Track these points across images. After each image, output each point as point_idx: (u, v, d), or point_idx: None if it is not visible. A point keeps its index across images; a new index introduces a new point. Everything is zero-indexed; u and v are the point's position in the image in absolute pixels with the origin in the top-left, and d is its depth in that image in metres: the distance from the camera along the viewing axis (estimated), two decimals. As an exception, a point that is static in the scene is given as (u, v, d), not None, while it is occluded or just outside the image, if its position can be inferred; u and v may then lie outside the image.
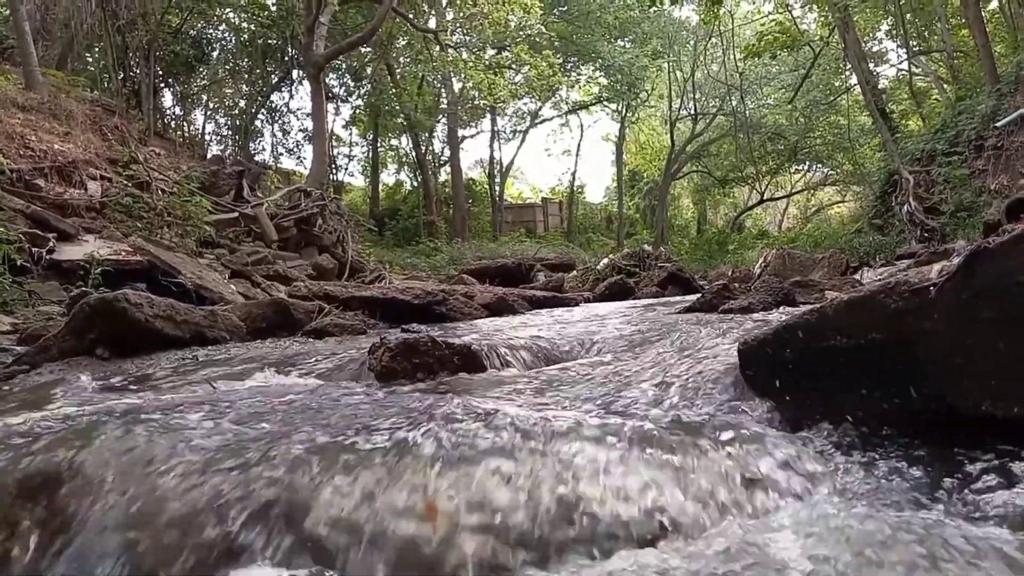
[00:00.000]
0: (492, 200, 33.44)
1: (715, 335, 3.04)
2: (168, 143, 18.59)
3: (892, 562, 1.16)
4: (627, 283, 10.49)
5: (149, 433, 1.73)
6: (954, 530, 1.26)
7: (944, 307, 1.59)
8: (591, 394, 2.29)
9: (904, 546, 1.22)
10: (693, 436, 1.60)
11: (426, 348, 2.76)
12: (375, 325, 5.45)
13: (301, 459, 1.49)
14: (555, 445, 1.52)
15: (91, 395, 2.86)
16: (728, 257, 22.16)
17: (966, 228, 13.68)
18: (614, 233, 33.95)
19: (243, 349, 4.12)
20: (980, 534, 1.24)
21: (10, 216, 8.41)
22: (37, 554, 1.41)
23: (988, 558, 1.15)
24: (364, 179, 34.18)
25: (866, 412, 1.74)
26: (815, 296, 5.34)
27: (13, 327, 5.68)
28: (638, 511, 1.35)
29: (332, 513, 1.33)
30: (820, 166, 33.57)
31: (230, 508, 1.37)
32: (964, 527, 1.28)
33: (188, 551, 1.31)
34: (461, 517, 1.33)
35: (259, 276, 10.06)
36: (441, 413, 1.81)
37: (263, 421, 1.93)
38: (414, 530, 1.30)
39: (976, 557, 1.16)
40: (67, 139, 12.37)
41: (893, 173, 17.48)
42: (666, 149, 33.65)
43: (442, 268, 18.87)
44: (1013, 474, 1.44)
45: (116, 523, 1.38)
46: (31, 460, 1.60)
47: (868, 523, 1.31)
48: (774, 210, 39.60)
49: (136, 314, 3.94)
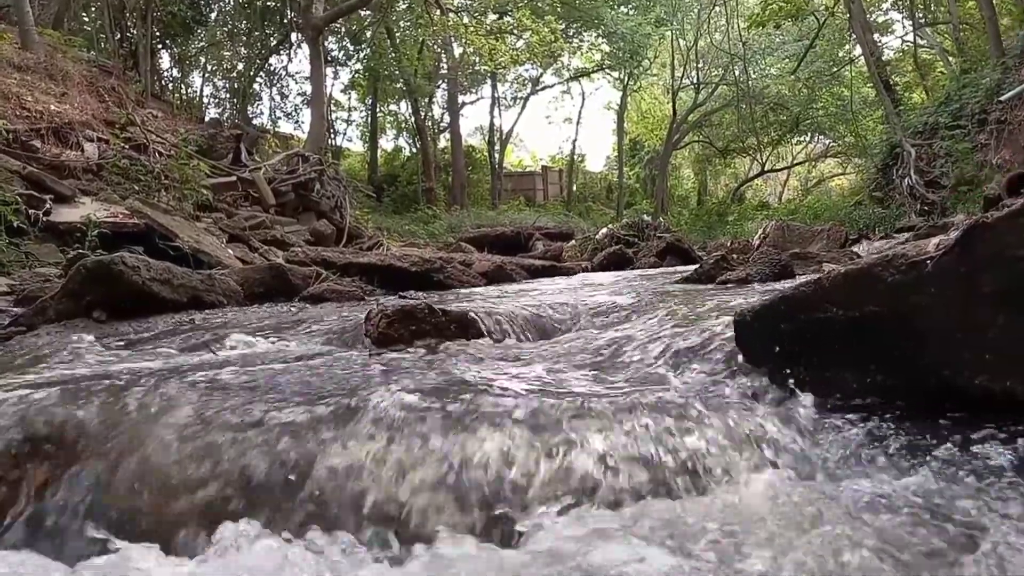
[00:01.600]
0: (491, 168, 33.23)
1: (711, 306, 3.04)
2: (165, 105, 18.43)
3: (876, 529, 1.18)
4: (625, 253, 10.48)
5: (145, 395, 1.74)
6: (943, 503, 1.28)
7: (941, 281, 1.59)
8: (585, 363, 2.30)
9: (889, 514, 1.23)
10: (685, 406, 1.60)
11: (423, 315, 2.76)
12: (372, 292, 5.45)
13: (296, 423, 1.50)
14: (549, 411, 1.52)
15: (88, 357, 2.86)
16: (728, 228, 22.10)
17: (967, 202, 13.63)
18: (614, 203, 33.81)
19: (241, 313, 4.12)
20: (965, 505, 1.26)
21: (6, 177, 8.35)
22: (39, 506, 1.43)
23: (973, 527, 1.17)
24: (362, 145, 33.94)
25: (861, 385, 1.75)
26: (813, 268, 5.33)
27: (10, 288, 5.68)
28: (626, 475, 1.36)
29: (325, 476, 1.34)
30: (822, 138, 33.35)
31: (223, 469, 1.38)
32: (954, 498, 1.29)
33: (181, 508, 1.32)
34: (457, 476, 1.34)
35: (257, 241, 10.04)
36: (437, 379, 1.82)
37: (260, 386, 1.94)
38: (410, 494, 1.32)
39: (961, 526, 1.18)
40: (63, 100, 12.25)
41: (895, 146, 17.38)
42: (668, 118, 33.38)
43: (440, 236, 18.82)
44: (1009, 447, 1.45)
45: (113, 480, 1.39)
46: (31, 420, 1.61)
47: (857, 493, 1.33)
48: (774, 181, 39.43)
49: (133, 277, 3.94)
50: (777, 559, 1.11)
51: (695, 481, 1.39)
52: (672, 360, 2.19)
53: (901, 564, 1.08)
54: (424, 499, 1.31)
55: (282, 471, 1.37)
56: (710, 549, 1.16)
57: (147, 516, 1.33)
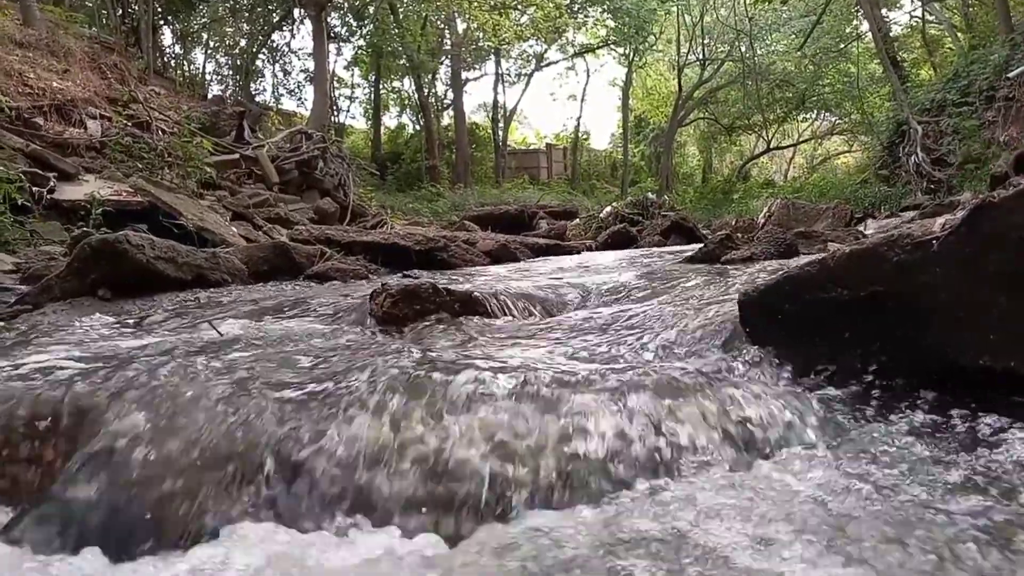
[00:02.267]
0: (495, 145, 33.04)
1: (715, 285, 3.04)
2: (168, 82, 18.31)
3: (877, 509, 1.19)
4: (630, 232, 10.44)
5: (151, 374, 1.75)
6: (943, 482, 1.29)
7: (946, 260, 1.59)
8: (589, 342, 2.30)
9: (889, 493, 1.24)
10: (688, 386, 1.61)
11: (427, 294, 2.76)
12: (376, 270, 5.45)
13: (302, 402, 1.51)
14: (553, 390, 1.53)
15: (94, 336, 2.88)
16: (733, 206, 21.99)
17: (973, 180, 13.54)
18: (618, 181, 33.65)
19: (245, 292, 4.13)
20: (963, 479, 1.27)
21: (10, 155, 8.33)
22: (45, 481, 1.44)
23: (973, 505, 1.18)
24: (366, 122, 33.69)
25: (864, 364, 1.75)
26: (818, 247, 5.32)
27: (15, 267, 5.69)
28: (626, 455, 1.37)
29: (330, 453, 1.36)
30: (828, 115, 33.08)
31: (231, 447, 1.40)
32: (954, 477, 1.30)
33: (187, 487, 1.34)
34: (466, 452, 1.35)
35: (260, 219, 10.02)
36: (440, 358, 1.83)
37: (266, 364, 1.95)
38: (416, 467, 1.33)
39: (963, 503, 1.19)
40: (66, 77, 12.19)
41: (901, 123, 17.24)
42: (673, 95, 33.11)
43: (444, 214, 18.76)
44: (1009, 427, 1.46)
45: (118, 457, 1.41)
46: (39, 399, 1.62)
47: (860, 470, 1.34)
48: (780, 159, 39.19)
49: (137, 255, 3.94)
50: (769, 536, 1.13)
51: (697, 458, 1.40)
52: (676, 339, 2.19)
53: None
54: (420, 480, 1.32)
55: (289, 450, 1.38)
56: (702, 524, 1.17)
57: (156, 493, 1.34)
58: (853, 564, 1.04)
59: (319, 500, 1.30)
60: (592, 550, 1.12)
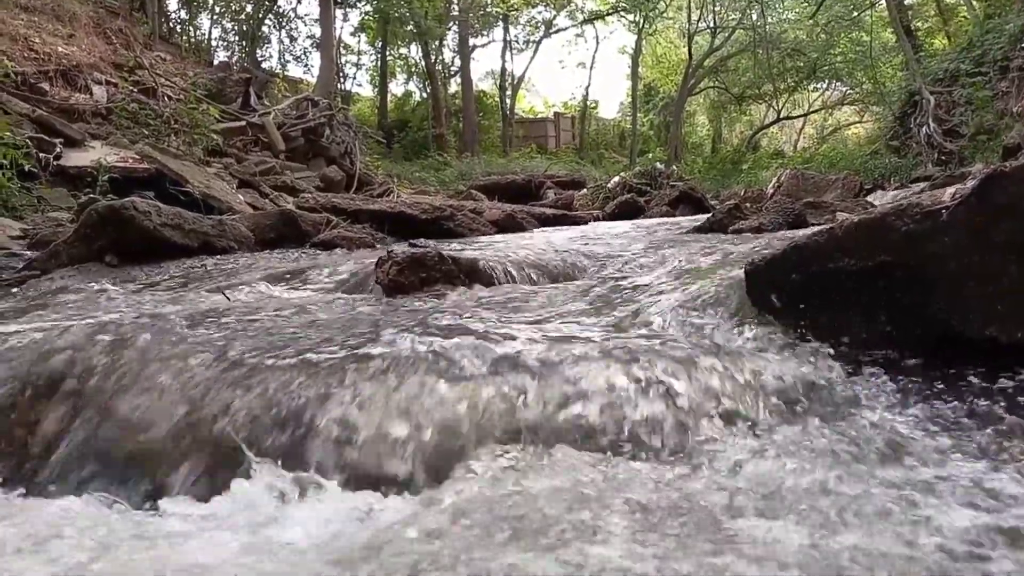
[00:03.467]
0: (503, 114, 32.78)
1: (722, 255, 3.02)
2: (173, 48, 18.19)
3: (877, 477, 1.19)
4: (637, 202, 10.40)
5: (159, 339, 1.76)
6: (948, 457, 1.29)
7: (956, 231, 1.57)
8: (595, 311, 2.30)
9: (892, 461, 1.24)
10: (694, 355, 1.61)
11: (433, 263, 2.76)
12: (383, 239, 5.45)
13: (307, 368, 1.52)
14: (558, 358, 1.53)
15: (101, 302, 2.89)
16: (742, 177, 21.81)
17: (985, 152, 13.38)
18: (627, 150, 33.36)
19: (251, 259, 4.14)
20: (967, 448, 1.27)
21: (16, 120, 8.32)
22: (54, 444, 1.46)
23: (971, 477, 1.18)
24: (372, 89, 33.44)
25: (870, 335, 1.75)
26: (826, 218, 5.29)
27: (23, 233, 5.71)
28: (631, 422, 1.38)
29: (334, 418, 1.36)
30: (839, 85, 32.65)
31: (233, 411, 1.41)
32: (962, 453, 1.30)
33: (191, 449, 1.35)
34: (470, 415, 1.36)
35: (267, 186, 10.01)
36: (446, 326, 1.83)
37: (272, 331, 1.96)
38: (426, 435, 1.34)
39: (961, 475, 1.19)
40: (71, 41, 12.12)
41: (914, 93, 17.00)
42: (683, 63, 32.70)
43: (451, 183, 18.69)
44: (1013, 399, 1.46)
45: (126, 420, 1.42)
46: (48, 361, 1.64)
47: (864, 439, 1.34)
48: (790, 129, 38.77)
49: (144, 222, 3.95)
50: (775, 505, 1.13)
51: (697, 428, 1.41)
52: (682, 308, 2.19)
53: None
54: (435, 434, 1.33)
55: (292, 413, 1.39)
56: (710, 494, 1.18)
57: (158, 455, 1.36)
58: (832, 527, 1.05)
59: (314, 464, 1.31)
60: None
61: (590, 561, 0.97)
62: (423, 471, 1.28)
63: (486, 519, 1.10)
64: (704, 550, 1.00)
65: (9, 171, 6.64)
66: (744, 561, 0.96)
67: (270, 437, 1.36)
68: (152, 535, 1.14)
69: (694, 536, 1.04)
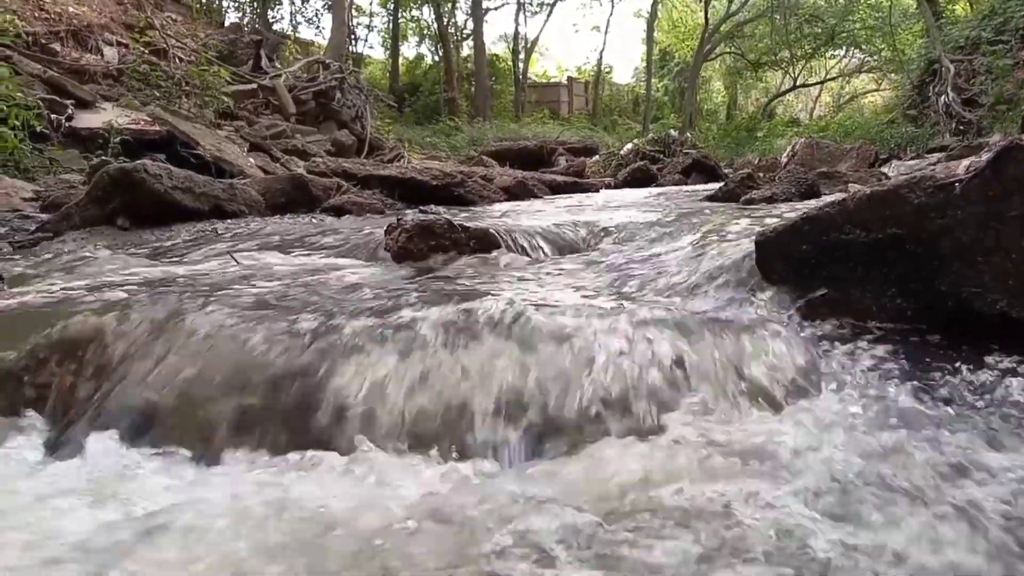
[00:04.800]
0: (515, 78, 32.43)
1: (732, 225, 3.01)
2: (184, 9, 18.01)
3: (887, 448, 1.20)
4: (650, 170, 10.31)
5: (171, 303, 1.77)
6: (953, 427, 1.29)
7: (969, 204, 1.56)
8: (604, 281, 2.30)
9: (895, 433, 1.25)
10: (703, 325, 1.61)
11: (442, 230, 2.76)
12: (393, 205, 5.44)
13: (316, 335, 1.53)
14: (567, 328, 1.53)
15: (113, 265, 2.91)
16: (756, 145, 21.58)
17: (1004, 122, 13.14)
18: (640, 117, 33.00)
19: (262, 224, 4.15)
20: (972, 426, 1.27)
21: (27, 81, 8.30)
22: (69, 406, 1.48)
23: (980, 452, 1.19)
24: (384, 52, 33.14)
25: (880, 308, 1.74)
26: (839, 188, 5.24)
27: (35, 194, 5.73)
28: (639, 393, 1.38)
29: (343, 390, 1.38)
30: (857, 52, 32.10)
31: (245, 378, 1.42)
32: (964, 422, 1.30)
33: (201, 415, 1.37)
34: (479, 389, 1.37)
35: (278, 150, 9.98)
36: (455, 294, 1.84)
37: (282, 296, 1.97)
38: (426, 402, 1.35)
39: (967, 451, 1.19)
40: (82, 1, 12.04)
41: (933, 61, 16.68)
42: (699, 27, 32.17)
43: (462, 149, 18.56)
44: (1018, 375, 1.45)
45: (140, 382, 1.44)
46: (64, 323, 1.65)
47: (871, 413, 1.35)
48: (806, 97, 38.26)
49: (155, 185, 3.95)
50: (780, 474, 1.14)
51: (707, 396, 1.41)
52: (691, 278, 2.19)
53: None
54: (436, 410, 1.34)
55: (302, 381, 1.41)
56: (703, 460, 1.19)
57: (169, 421, 1.37)
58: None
59: (315, 428, 1.33)
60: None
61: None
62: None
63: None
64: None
65: (21, 132, 6.64)
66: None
67: (277, 405, 1.38)
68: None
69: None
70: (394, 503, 1.12)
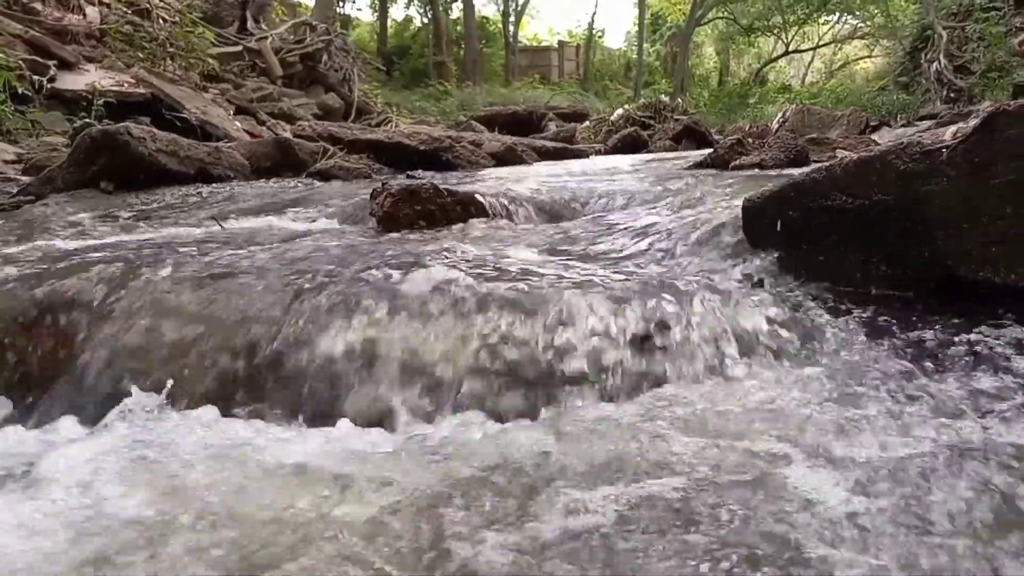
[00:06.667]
0: (506, 42, 32.01)
1: (719, 191, 3.00)
2: (167, -32, 17.63)
3: (862, 412, 1.21)
4: (640, 136, 10.22)
5: (153, 268, 1.76)
6: (934, 394, 1.30)
7: (955, 170, 1.56)
8: (591, 247, 2.30)
9: (874, 399, 1.26)
10: (687, 290, 1.61)
11: (428, 195, 2.74)
12: (380, 170, 5.39)
13: (298, 298, 1.52)
14: (550, 292, 1.53)
15: (97, 229, 2.88)
16: (748, 111, 21.44)
17: (995, 89, 13.11)
18: (632, 82, 32.72)
19: (247, 188, 4.11)
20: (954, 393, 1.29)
21: (8, 41, 8.12)
22: (46, 371, 1.48)
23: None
24: (372, 14, 32.62)
25: (864, 274, 1.75)
26: (828, 154, 5.22)
27: (17, 157, 5.64)
28: (624, 358, 1.39)
29: (326, 351, 1.38)
30: (850, 18, 31.86)
31: (222, 343, 1.42)
32: (946, 387, 1.31)
33: (181, 378, 1.37)
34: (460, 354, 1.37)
35: (264, 113, 9.85)
36: (439, 260, 1.83)
37: (265, 261, 1.95)
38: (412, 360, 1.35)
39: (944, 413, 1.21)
40: (61, -41, 11.74)
41: (926, 27, 16.58)
42: (692, -8, 31.86)
43: (451, 113, 18.35)
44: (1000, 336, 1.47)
45: (117, 348, 1.43)
46: (42, 288, 1.64)
47: (851, 376, 1.36)
48: (798, 63, 38.01)
49: (139, 148, 3.90)
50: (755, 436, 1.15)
51: (691, 362, 1.42)
52: (676, 244, 2.18)
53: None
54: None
55: (284, 344, 1.40)
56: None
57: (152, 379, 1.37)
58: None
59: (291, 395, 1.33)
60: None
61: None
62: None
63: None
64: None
65: (2, 94, 6.52)
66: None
67: (253, 372, 1.37)
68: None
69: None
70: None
